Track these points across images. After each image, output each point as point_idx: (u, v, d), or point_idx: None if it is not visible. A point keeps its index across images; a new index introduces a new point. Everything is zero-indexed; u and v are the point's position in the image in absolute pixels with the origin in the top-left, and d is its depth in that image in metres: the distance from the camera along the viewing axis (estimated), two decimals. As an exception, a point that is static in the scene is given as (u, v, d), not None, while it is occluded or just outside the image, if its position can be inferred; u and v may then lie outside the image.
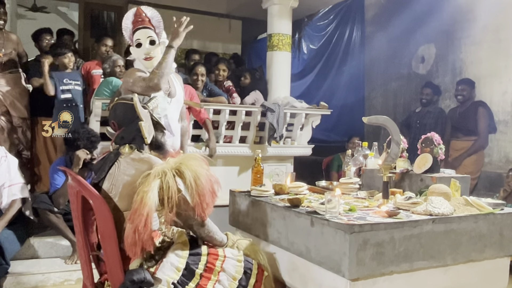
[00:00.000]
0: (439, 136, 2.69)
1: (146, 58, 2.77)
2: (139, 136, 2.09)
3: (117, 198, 2.00)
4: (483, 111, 4.77)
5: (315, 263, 1.98)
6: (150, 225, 1.83)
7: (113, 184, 2.02)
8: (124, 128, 2.12)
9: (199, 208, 1.92)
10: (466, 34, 5.41)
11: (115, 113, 2.15)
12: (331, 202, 1.95)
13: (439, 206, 2.05)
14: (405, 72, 6.33)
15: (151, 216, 1.83)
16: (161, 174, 1.87)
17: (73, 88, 4.16)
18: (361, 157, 3.01)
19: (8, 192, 3.41)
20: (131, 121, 2.10)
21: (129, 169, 2.00)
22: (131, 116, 2.10)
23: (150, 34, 2.77)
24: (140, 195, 1.84)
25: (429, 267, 1.99)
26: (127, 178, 1.99)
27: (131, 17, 2.79)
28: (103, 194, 2.07)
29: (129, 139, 2.10)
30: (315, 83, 7.12)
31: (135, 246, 1.84)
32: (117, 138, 2.14)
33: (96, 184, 2.09)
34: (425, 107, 5.28)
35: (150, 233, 1.84)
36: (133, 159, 2.04)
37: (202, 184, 1.90)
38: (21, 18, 7.64)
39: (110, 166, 2.07)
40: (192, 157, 1.99)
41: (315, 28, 7.26)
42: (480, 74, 5.18)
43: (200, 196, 1.90)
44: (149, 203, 1.81)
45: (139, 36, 2.75)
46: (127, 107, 2.11)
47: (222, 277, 1.98)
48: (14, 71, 4.33)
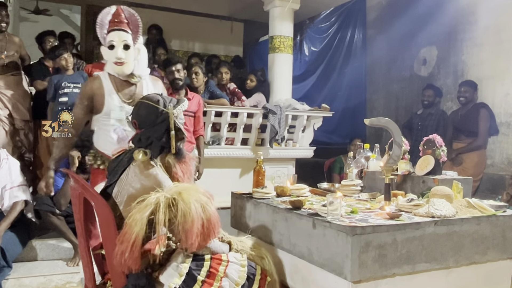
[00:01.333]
0: (441, 138, 2.69)
1: (116, 62, 2.59)
2: (157, 142, 2.04)
3: (121, 206, 2.00)
4: (485, 112, 4.76)
5: (317, 265, 1.97)
6: (137, 252, 1.82)
7: (120, 192, 2.02)
8: (144, 130, 2.06)
9: (183, 243, 1.88)
10: (468, 36, 5.41)
11: (137, 113, 2.08)
12: (333, 204, 1.94)
13: (441, 208, 2.05)
14: (407, 74, 6.33)
15: (138, 243, 1.81)
16: (154, 204, 1.84)
17: (71, 92, 4.13)
18: (363, 159, 3.01)
19: (9, 194, 3.43)
20: (153, 125, 2.04)
21: (135, 182, 1.98)
22: (153, 119, 2.04)
23: (125, 38, 2.59)
24: (131, 220, 1.83)
25: (431, 269, 1.98)
26: (132, 190, 1.97)
27: (108, 16, 2.61)
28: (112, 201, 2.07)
29: (146, 143, 2.05)
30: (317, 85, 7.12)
31: (121, 265, 1.83)
32: (135, 138, 2.10)
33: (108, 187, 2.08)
34: (427, 109, 5.27)
35: (136, 259, 1.82)
36: (141, 171, 1.99)
37: (191, 223, 1.84)
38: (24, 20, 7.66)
39: (122, 171, 2.04)
40: (196, 191, 1.93)
41: (316, 30, 7.26)
42: (482, 76, 5.17)
43: (186, 233, 1.85)
44: (136, 231, 1.80)
45: (113, 37, 2.57)
46: (151, 110, 2.05)
47: (225, 283, 1.95)
48: (16, 74, 4.33)
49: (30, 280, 3.34)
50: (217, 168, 4.67)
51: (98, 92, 2.61)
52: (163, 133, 2.04)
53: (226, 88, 4.98)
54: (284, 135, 4.93)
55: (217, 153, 4.65)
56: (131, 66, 2.61)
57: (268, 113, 4.79)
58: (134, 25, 2.62)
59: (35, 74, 4.60)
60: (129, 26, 2.61)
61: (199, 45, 7.23)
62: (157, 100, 2.07)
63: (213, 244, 2.03)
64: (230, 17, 7.28)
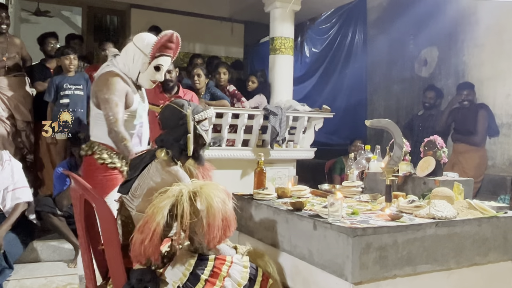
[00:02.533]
0: (441, 139, 2.69)
1: (155, 81, 2.76)
2: (177, 144, 2.10)
3: (140, 199, 2.03)
4: (484, 113, 4.76)
5: (318, 266, 1.97)
6: (157, 240, 1.84)
7: (140, 185, 2.06)
8: (166, 131, 2.13)
9: (207, 237, 1.91)
10: (469, 37, 5.41)
11: (163, 114, 2.17)
12: (333, 205, 1.94)
13: (442, 209, 2.04)
14: (408, 75, 6.33)
15: (158, 232, 1.83)
16: (178, 194, 1.87)
17: (73, 93, 4.13)
18: (364, 161, 3.01)
19: (11, 195, 3.44)
20: (174, 127, 2.11)
21: (156, 176, 2.03)
22: (175, 121, 2.12)
23: (169, 63, 2.79)
24: (152, 209, 1.85)
25: (432, 270, 1.98)
26: (152, 184, 2.02)
27: (167, 41, 2.72)
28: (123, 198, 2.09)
29: (168, 144, 2.11)
30: (318, 86, 7.12)
31: (140, 256, 1.85)
32: (158, 138, 2.16)
33: (127, 181, 2.11)
34: (428, 110, 5.27)
35: (156, 247, 1.84)
36: (163, 167, 2.05)
37: (213, 216, 1.88)
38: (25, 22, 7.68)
39: (144, 167, 2.09)
40: (215, 187, 1.96)
41: (317, 32, 7.26)
42: (483, 76, 5.17)
43: (209, 227, 1.88)
44: (158, 220, 1.82)
45: (163, 62, 2.71)
46: (174, 112, 2.13)
47: (227, 282, 1.97)
48: (18, 75, 4.34)
49: (31, 282, 3.34)
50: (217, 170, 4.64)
51: (128, 88, 2.67)
52: (181, 135, 2.11)
53: (225, 90, 4.98)
54: (285, 136, 4.92)
55: (217, 154, 4.65)
56: None
57: (269, 114, 4.79)
58: (175, 54, 2.80)
59: (36, 76, 4.61)
60: (174, 54, 2.78)
61: (200, 46, 7.23)
62: (182, 104, 2.14)
63: (222, 247, 2.05)
64: (231, 18, 7.28)
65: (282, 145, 4.97)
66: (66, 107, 4.10)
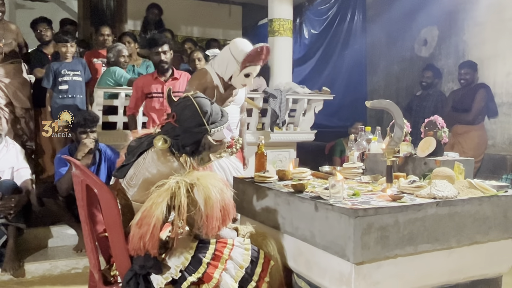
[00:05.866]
0: (442, 120, 2.68)
1: (244, 85, 2.98)
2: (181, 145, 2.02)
3: (135, 189, 2.01)
4: (483, 92, 4.74)
5: (319, 247, 1.99)
6: (157, 235, 1.84)
7: (135, 174, 2.03)
8: (178, 127, 2.02)
9: (206, 227, 1.91)
10: (469, 15, 5.35)
11: (182, 110, 2.03)
12: (335, 187, 1.95)
13: (443, 189, 2.05)
14: (408, 55, 6.28)
15: (158, 226, 1.83)
16: (175, 187, 1.86)
17: (71, 79, 4.10)
18: (364, 142, 3.00)
19: (17, 175, 3.57)
20: (187, 130, 2.01)
21: (152, 167, 1.98)
22: (191, 126, 2.01)
23: (258, 70, 2.95)
24: (150, 204, 1.85)
25: (433, 249, 1.99)
26: (148, 175, 1.98)
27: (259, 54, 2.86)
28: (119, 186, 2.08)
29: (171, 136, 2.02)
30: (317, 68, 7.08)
31: (139, 250, 1.86)
32: (165, 126, 2.07)
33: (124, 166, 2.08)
34: (425, 90, 5.25)
35: (155, 241, 1.85)
36: (158, 157, 1.99)
37: (211, 207, 1.87)
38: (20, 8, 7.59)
39: (140, 154, 2.05)
40: (212, 178, 1.95)
41: (316, 13, 7.19)
42: (483, 55, 5.13)
43: (208, 218, 1.88)
44: (157, 214, 1.82)
45: (252, 70, 2.90)
46: (195, 116, 2.01)
47: (229, 265, 1.99)
48: (15, 62, 4.32)
49: (35, 267, 3.38)
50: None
51: (210, 85, 2.95)
52: (190, 143, 2.03)
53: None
54: (285, 119, 4.91)
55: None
56: None
57: (269, 97, 4.77)
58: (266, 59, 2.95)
59: (33, 62, 4.58)
60: (264, 61, 2.94)
61: (197, 29, 7.17)
62: (205, 111, 2.03)
63: (223, 232, 2.05)
64: (229, 0, 7.20)
65: (282, 128, 4.97)
66: (65, 93, 4.08)
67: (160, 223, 1.84)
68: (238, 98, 3.14)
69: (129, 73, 4.41)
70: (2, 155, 3.57)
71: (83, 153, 3.44)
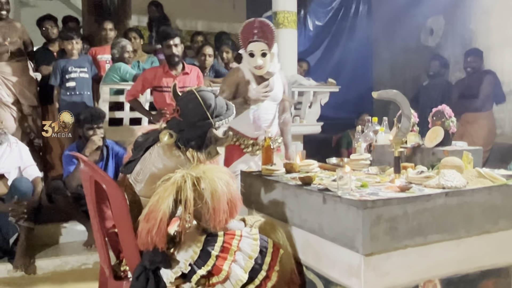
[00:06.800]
0: (450, 109, 2.66)
1: (256, 67, 3.00)
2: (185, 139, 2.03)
3: (142, 184, 2.03)
4: (489, 78, 4.70)
5: (328, 239, 1.99)
6: (164, 229, 1.85)
7: (142, 170, 2.04)
8: (182, 121, 2.04)
9: (213, 221, 1.92)
10: (475, 3, 5.29)
11: (186, 104, 2.04)
12: (342, 178, 1.94)
13: (451, 179, 2.04)
14: (414, 45, 6.23)
15: (164, 220, 1.84)
16: (181, 180, 1.87)
17: (78, 76, 4.12)
18: (371, 133, 2.99)
19: (25, 174, 3.57)
20: (191, 124, 2.03)
21: (158, 162, 2.00)
22: (195, 120, 2.02)
23: (262, 47, 2.94)
24: (156, 198, 1.85)
25: (442, 240, 1.98)
26: (155, 170, 2.00)
27: (248, 28, 2.98)
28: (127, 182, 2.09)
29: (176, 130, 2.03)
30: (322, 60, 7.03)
31: (147, 244, 1.87)
32: (170, 121, 2.09)
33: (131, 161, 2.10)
34: (432, 80, 5.21)
35: (163, 236, 1.85)
36: (164, 152, 2.01)
37: (217, 200, 1.88)
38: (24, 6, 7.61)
39: (146, 149, 2.06)
40: (218, 171, 1.95)
41: (320, 4, 7.14)
42: (490, 43, 5.07)
43: (215, 211, 1.89)
44: (163, 209, 1.83)
45: (252, 48, 2.95)
46: (199, 110, 2.02)
47: (238, 256, 1.99)
48: (21, 60, 4.33)
49: (46, 263, 3.41)
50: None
51: (242, 81, 3.06)
52: (194, 138, 2.04)
53: (229, 68, 4.94)
54: (291, 112, 4.90)
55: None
56: (267, 69, 3.04)
57: (274, 90, 4.75)
58: (269, 36, 2.96)
59: (39, 60, 4.59)
60: (265, 37, 2.95)
61: (202, 23, 7.14)
62: (209, 104, 2.04)
63: (231, 224, 2.06)
64: (232, -7, 7.17)
65: (288, 121, 4.95)
66: (73, 90, 4.10)
67: (167, 217, 1.85)
68: (274, 94, 3.16)
69: (134, 68, 4.41)
70: (6, 156, 3.54)
71: (91, 149, 3.46)
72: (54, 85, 4.14)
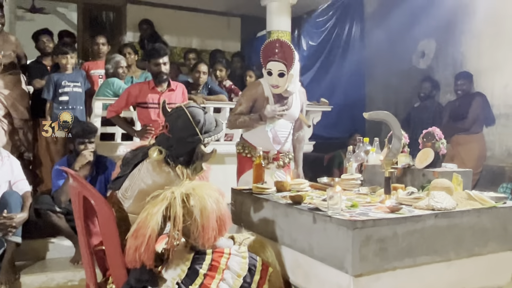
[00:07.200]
0: (440, 131, 2.68)
1: (273, 85, 3.08)
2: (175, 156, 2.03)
3: (131, 200, 2.01)
4: (479, 100, 4.78)
5: (318, 259, 1.97)
6: (152, 246, 1.83)
7: (131, 186, 2.03)
8: (171, 137, 2.04)
9: (202, 238, 1.91)
10: (466, 28, 5.39)
11: (175, 121, 2.05)
12: (333, 198, 1.94)
13: (441, 200, 2.04)
14: (406, 67, 6.31)
15: (153, 237, 1.82)
16: (170, 197, 1.86)
17: (71, 91, 4.12)
18: (363, 153, 3.00)
19: (15, 188, 3.50)
20: (181, 140, 2.03)
21: (147, 178, 1.99)
22: (184, 136, 2.03)
23: (280, 68, 3.01)
24: (145, 214, 1.84)
25: (432, 262, 1.98)
26: (144, 186, 1.98)
27: (269, 47, 3.05)
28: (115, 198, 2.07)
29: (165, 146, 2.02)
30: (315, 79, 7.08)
31: (135, 262, 1.84)
32: (159, 137, 2.08)
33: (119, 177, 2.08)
34: (423, 101, 5.28)
35: (151, 253, 1.83)
36: (154, 168, 1.99)
37: (207, 218, 1.87)
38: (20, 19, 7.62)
39: (135, 165, 2.05)
40: (208, 188, 1.95)
41: (314, 25, 7.23)
42: (481, 67, 5.15)
43: (204, 229, 1.88)
44: (152, 225, 1.81)
45: (271, 67, 3.03)
46: (188, 126, 2.03)
47: (227, 275, 1.97)
48: (14, 73, 4.31)
49: (31, 280, 3.34)
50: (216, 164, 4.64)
51: (260, 97, 3.14)
52: (183, 153, 2.04)
53: (222, 85, 4.97)
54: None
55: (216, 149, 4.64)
56: (284, 88, 3.08)
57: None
58: (288, 57, 3.02)
59: (33, 73, 4.59)
60: (284, 58, 3.01)
61: (196, 41, 7.20)
62: (198, 120, 2.05)
63: (219, 242, 2.04)
64: (227, 12, 7.25)
65: (280, 139, 4.96)
66: (66, 105, 4.09)
67: (156, 234, 1.83)
68: (290, 113, 3.22)
69: (127, 84, 4.42)
70: None
71: (81, 164, 3.43)
72: (47, 99, 4.13)
